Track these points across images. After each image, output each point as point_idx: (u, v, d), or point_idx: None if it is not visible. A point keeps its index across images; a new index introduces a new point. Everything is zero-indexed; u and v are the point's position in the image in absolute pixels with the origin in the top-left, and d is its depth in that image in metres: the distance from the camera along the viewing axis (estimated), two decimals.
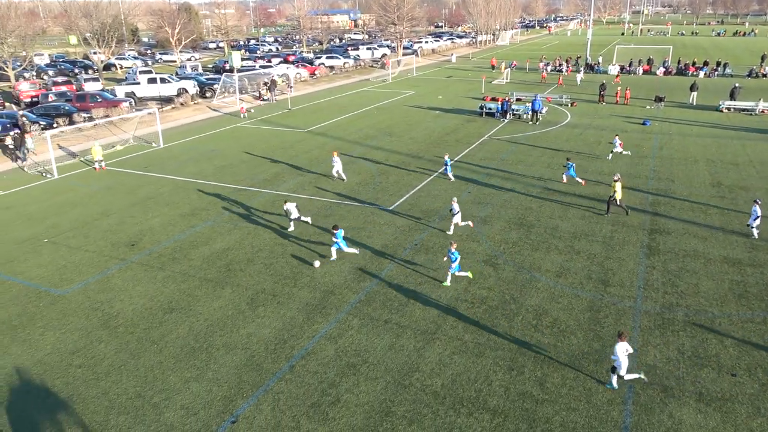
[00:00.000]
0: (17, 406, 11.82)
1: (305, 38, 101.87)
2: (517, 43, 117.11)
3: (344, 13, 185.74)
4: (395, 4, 79.92)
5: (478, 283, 16.42)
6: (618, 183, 20.85)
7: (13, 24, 58.48)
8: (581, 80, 55.83)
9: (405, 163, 28.60)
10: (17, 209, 23.33)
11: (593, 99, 46.16)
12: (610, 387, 12.00)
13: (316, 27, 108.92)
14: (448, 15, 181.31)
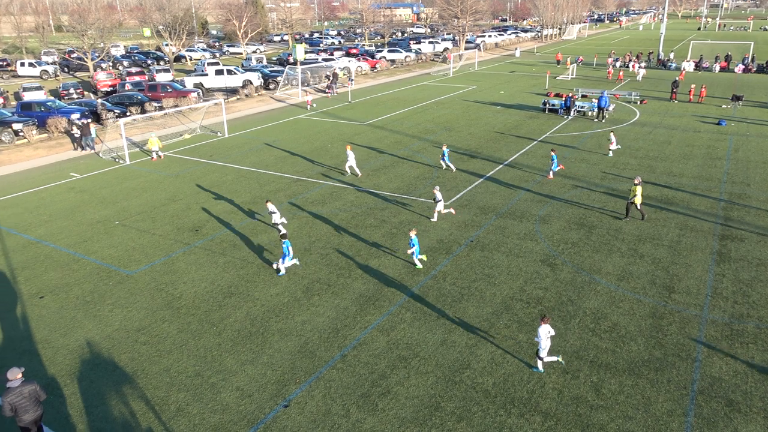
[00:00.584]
0: (87, 377, 12.54)
1: (367, 32, 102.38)
2: (584, 38, 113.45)
3: (407, 6, 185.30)
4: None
5: (535, 283, 16.10)
6: (639, 186, 19.71)
7: (93, 17, 61.75)
8: (643, 77, 53.49)
9: (463, 159, 28.32)
10: (92, 192, 24.67)
11: (665, 96, 44.18)
12: (537, 371, 12.35)
13: (378, 20, 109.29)
14: (513, 8, 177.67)
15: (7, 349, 13.59)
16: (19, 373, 10.25)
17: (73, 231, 20.38)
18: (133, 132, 35.32)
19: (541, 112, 39.49)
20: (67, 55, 72.19)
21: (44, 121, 35.19)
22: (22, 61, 65.90)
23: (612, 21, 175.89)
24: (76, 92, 48.14)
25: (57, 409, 11.56)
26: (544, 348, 12.04)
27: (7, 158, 30.57)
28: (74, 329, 14.33)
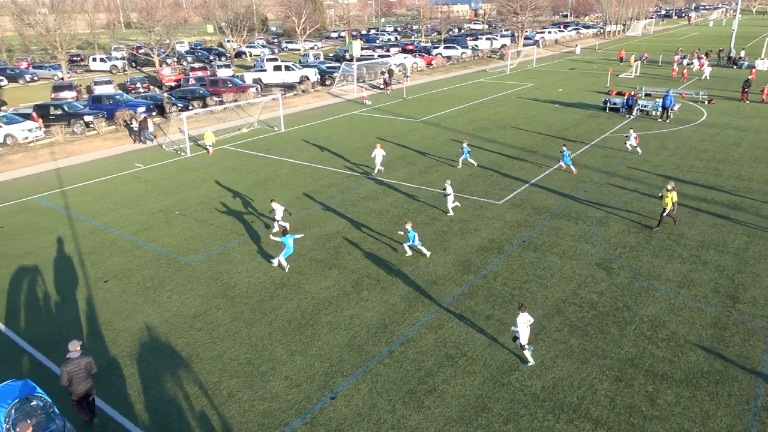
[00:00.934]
0: (144, 359, 13.11)
1: (424, 28, 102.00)
2: (650, 34, 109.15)
3: (465, 2, 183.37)
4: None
5: (589, 287, 15.66)
6: (673, 192, 18.57)
7: (160, 14, 64.27)
8: (709, 75, 50.84)
9: (518, 157, 27.83)
10: (154, 183, 25.70)
11: (735, 96, 41.98)
12: (527, 365, 12.42)
13: (435, 17, 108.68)
14: (574, 4, 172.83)
15: (73, 329, 14.36)
16: (78, 345, 10.93)
17: (136, 219, 21.30)
18: (194, 125, 36.51)
19: (601, 111, 38.30)
20: (135, 50, 75.37)
21: (113, 114, 36.91)
22: (94, 57, 69.31)
23: (680, 17, 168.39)
24: (143, 86, 50.21)
25: (117, 389, 12.14)
26: (524, 336, 12.17)
27: (78, 148, 32.24)
28: (135, 313, 15.00)
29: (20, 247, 19.28)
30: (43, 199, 24.04)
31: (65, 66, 57.07)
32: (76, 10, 60.85)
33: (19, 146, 31.96)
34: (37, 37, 56.93)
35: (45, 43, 55.55)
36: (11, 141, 32.11)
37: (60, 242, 19.54)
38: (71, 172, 27.87)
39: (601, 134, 32.04)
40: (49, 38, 53.37)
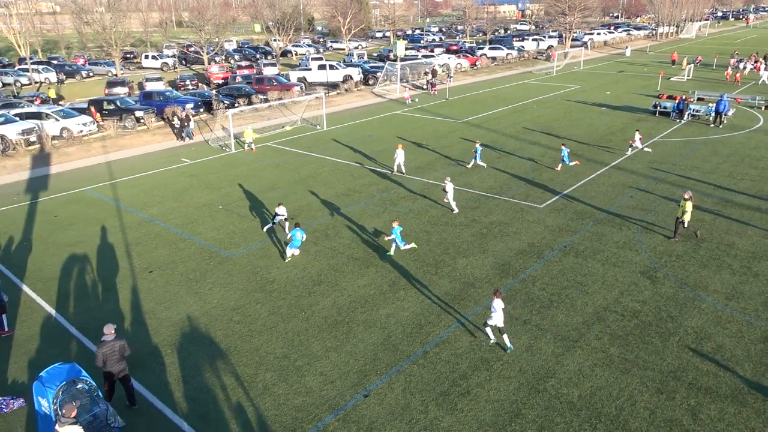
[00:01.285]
0: (185, 348, 13.46)
1: (469, 28, 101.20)
2: (705, 36, 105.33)
3: (512, 2, 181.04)
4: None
5: (631, 295, 15.24)
6: (689, 202, 17.69)
7: (210, 13, 65.89)
8: (763, 81, 48.46)
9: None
10: (200, 177, 26.36)
11: None
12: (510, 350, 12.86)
13: (481, 17, 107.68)
14: (625, 5, 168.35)
15: (118, 317, 14.87)
16: (113, 328, 11.44)
17: (181, 212, 21.90)
18: (239, 123, 37.24)
19: (650, 115, 37.19)
20: (185, 48, 77.43)
21: (162, 110, 38.04)
22: (146, 54, 71.56)
23: (738, 18, 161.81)
24: (191, 83, 51.55)
25: (158, 376, 12.51)
26: (498, 318, 12.60)
27: (129, 142, 33.37)
28: (177, 304, 15.42)
29: (71, 236, 20.10)
30: (94, 190, 24.98)
31: (119, 63, 59.12)
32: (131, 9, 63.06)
33: (74, 139, 33.29)
34: (93, 35, 59.17)
35: (101, 41, 57.72)
36: (67, 134, 33.48)
37: (108, 233, 20.27)
38: (121, 166, 28.88)
39: (650, 139, 31.11)
40: (105, 36, 55.41)
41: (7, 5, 63.19)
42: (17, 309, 15.34)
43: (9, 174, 27.97)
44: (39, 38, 72.70)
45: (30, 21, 66.07)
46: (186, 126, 33.62)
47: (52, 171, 28.41)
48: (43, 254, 18.69)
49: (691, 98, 39.47)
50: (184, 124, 33.55)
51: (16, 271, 17.49)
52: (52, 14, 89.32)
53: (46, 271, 17.48)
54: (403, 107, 42.56)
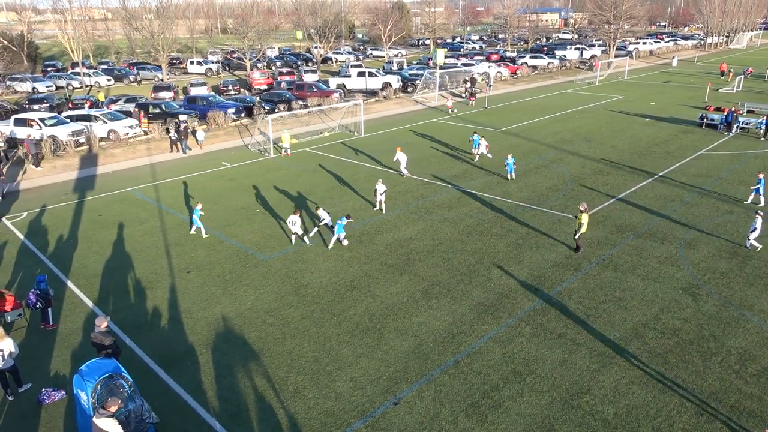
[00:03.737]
0: (219, 348, 13.69)
1: (510, 37, 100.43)
2: (756, 47, 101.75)
3: (555, 11, 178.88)
4: (613, 2, 74.67)
5: (672, 312, 14.76)
6: (584, 214, 17.18)
7: (254, 21, 67.19)
8: None
9: (603, 172, 26.74)
10: (238, 181, 26.86)
11: None
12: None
13: (523, 25, 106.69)
14: (673, 14, 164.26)
15: (156, 315, 15.25)
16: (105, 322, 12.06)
17: (220, 215, 22.34)
18: (279, 128, 37.80)
19: (697, 127, 36.09)
20: (229, 55, 79.20)
21: (205, 114, 38.96)
22: (191, 60, 73.52)
23: None
24: (234, 89, 52.66)
25: (192, 375, 12.75)
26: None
27: None
28: (213, 304, 15.71)
29: (115, 234, 20.74)
30: (139, 191, 25.74)
31: (165, 68, 60.87)
32: (178, 16, 64.91)
33: (120, 141, 34.41)
34: (142, 41, 61.16)
35: (149, 47, 59.61)
36: (114, 136, 34.63)
37: (150, 232, 20.84)
38: (164, 168, 29.68)
39: (696, 151, 30.19)
40: (153, 42, 57.20)
41: (63, 12, 65.93)
42: (62, 304, 15.91)
43: (59, 173, 29.10)
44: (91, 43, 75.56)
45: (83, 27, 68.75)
46: (184, 139, 32.50)
47: (99, 171, 29.42)
48: (88, 251, 19.34)
49: (741, 110, 38.13)
50: (181, 137, 32.38)
51: (62, 268, 18.15)
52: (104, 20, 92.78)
53: (90, 268, 18.07)
54: (441, 115, 42.47)
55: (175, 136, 32.47)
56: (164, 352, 13.63)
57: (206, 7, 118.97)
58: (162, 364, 13.14)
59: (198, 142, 33.78)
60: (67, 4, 64.86)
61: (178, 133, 32.43)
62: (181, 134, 32.47)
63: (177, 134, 32.43)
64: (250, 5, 72.97)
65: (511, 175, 25.76)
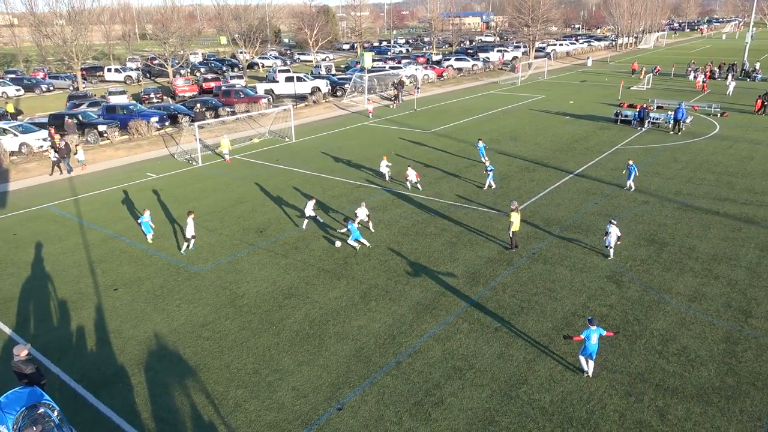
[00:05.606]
0: (152, 367, 13.14)
1: (435, 40, 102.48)
2: (662, 47, 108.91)
3: (477, 15, 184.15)
4: (530, 6, 77.77)
5: (599, 299, 15.52)
6: (514, 213, 18.09)
7: (174, 26, 65.08)
8: (732, 91, 49.41)
9: (528, 169, 27.76)
10: (166, 191, 25.91)
11: (749, 109, 41.67)
12: None
13: (447, 29, 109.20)
14: (586, 17, 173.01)
15: (82, 337, 14.44)
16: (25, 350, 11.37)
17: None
18: (205, 135, 36.81)
19: (612, 123, 38.17)
20: (149, 61, 76.34)
21: (126, 124, 37.32)
22: (109, 67, 70.26)
23: (693, 30, 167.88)
24: (156, 97, 50.79)
25: (124, 397, 12.17)
26: None
27: (92, 157, 32.59)
28: (144, 321, 15.06)
29: (32, 254, 19.48)
30: (56, 207, 24.30)
31: (80, 76, 57.83)
32: (92, 21, 61.81)
33: (33, 155, 32.37)
34: (54, 48, 57.87)
35: (61, 54, 56.45)
36: (26, 150, 32.54)
37: (71, 250, 19.72)
38: (84, 181, 28.18)
39: (613, 146, 31.91)
40: (66, 49, 54.22)
41: None
42: None
43: None
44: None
45: None
46: (65, 158, 29.33)
47: (11, 188, 27.56)
48: (2, 273, 18.05)
49: (651, 106, 40.67)
50: (63, 156, 29.22)
51: None
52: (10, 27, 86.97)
53: (5, 291, 16.88)
54: (372, 119, 42.70)
55: (56, 157, 29.16)
56: (93, 375, 12.93)
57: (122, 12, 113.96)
58: (91, 389, 12.46)
59: (79, 162, 30.26)
60: None
61: (59, 152, 29.15)
62: (62, 152, 29.17)
63: (57, 153, 29.16)
64: (170, 10, 70.62)
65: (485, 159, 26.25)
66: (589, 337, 11.91)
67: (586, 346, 12.03)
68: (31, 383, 11.07)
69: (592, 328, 11.92)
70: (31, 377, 11.22)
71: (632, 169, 23.77)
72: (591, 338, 11.90)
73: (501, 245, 19.06)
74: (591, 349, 12.02)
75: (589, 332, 11.91)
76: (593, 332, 11.91)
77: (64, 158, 29.27)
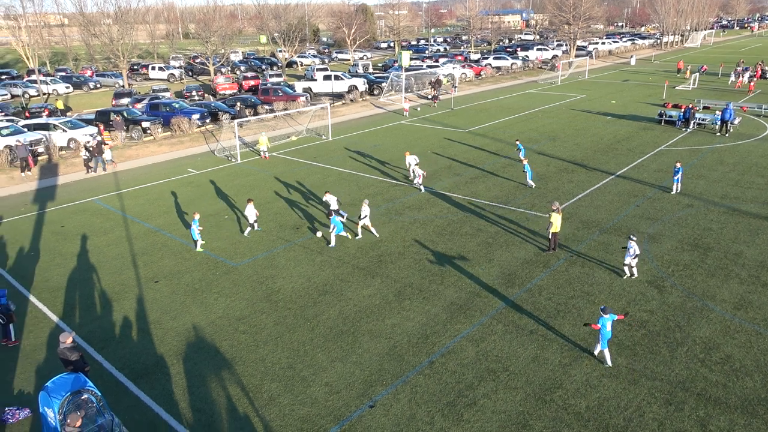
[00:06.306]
0: (190, 358, 13.44)
1: (473, 39, 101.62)
2: (710, 45, 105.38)
3: (516, 13, 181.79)
4: (572, 3, 76.31)
5: (639, 305, 15.14)
6: (555, 214, 17.54)
7: (216, 25, 66.31)
8: None
9: (567, 170, 27.27)
10: (206, 188, 26.46)
11: None
12: None
13: (486, 27, 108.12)
14: (630, 14, 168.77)
15: (124, 327, 14.89)
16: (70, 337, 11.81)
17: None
18: (244, 133, 37.41)
19: (656, 124, 37.13)
20: (191, 60, 78.02)
21: (169, 121, 38.26)
22: (153, 65, 72.14)
23: (743, 27, 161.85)
24: (198, 94, 51.88)
25: (163, 386, 12.49)
26: None
27: (135, 153, 33.56)
28: (183, 313, 15.43)
29: (78, 246, 20.18)
30: (101, 201, 25.11)
31: (126, 74, 59.58)
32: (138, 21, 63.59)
33: (81, 150, 33.47)
34: (101, 47, 59.73)
35: (108, 52, 58.22)
36: (74, 145, 33.70)
37: (115, 243, 20.34)
38: (128, 176, 29.03)
39: (656, 147, 31.05)
40: (112, 48, 55.91)
41: (16, 18, 63.91)
42: (24, 319, 15.39)
43: (17, 185, 28.18)
44: (47, 50, 73.43)
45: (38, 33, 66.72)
46: (97, 156, 29.82)
47: (60, 182, 28.60)
48: (50, 264, 18.77)
49: (697, 107, 39.41)
50: (94, 155, 29.77)
51: (23, 282, 17.57)
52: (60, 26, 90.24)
53: (53, 281, 17.54)
54: (409, 117, 42.65)
55: (86, 155, 29.86)
56: (133, 364, 13.32)
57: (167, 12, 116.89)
58: (131, 377, 12.84)
59: (107, 161, 30.50)
60: (20, 9, 62.87)
61: (90, 151, 29.80)
62: (94, 151, 29.79)
63: (88, 153, 29.81)
64: (212, 10, 72.03)
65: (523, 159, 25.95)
66: (604, 325, 12.37)
67: (603, 335, 12.42)
68: (76, 370, 11.48)
69: (606, 317, 12.38)
70: (75, 364, 11.64)
71: (678, 171, 23.02)
72: (606, 326, 12.38)
73: (538, 246, 18.79)
74: (607, 337, 12.46)
75: (604, 320, 12.40)
76: (607, 320, 12.38)
77: (96, 157, 29.85)
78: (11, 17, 64.90)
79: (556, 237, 18.21)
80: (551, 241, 18.25)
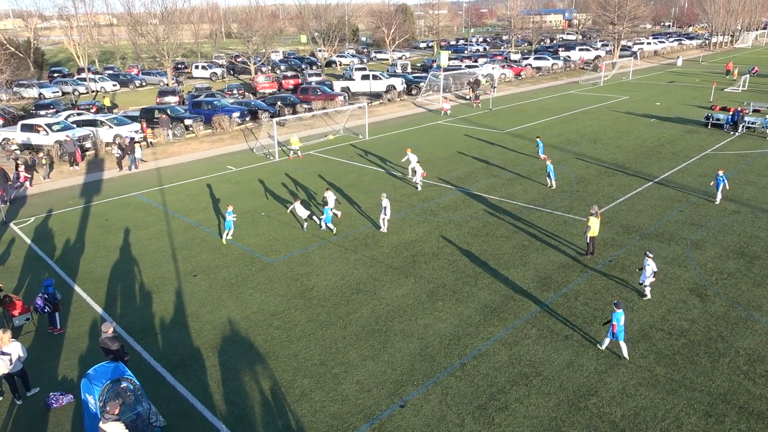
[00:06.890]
0: (225, 352, 13.71)
1: (514, 38, 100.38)
2: (762, 46, 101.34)
3: (558, 12, 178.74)
4: (617, 3, 74.55)
5: (680, 313, 14.69)
6: (593, 217, 17.15)
7: (258, 25, 67.40)
8: None
9: (608, 173, 26.67)
10: (244, 185, 26.93)
11: None
12: None
13: (527, 27, 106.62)
14: (677, 14, 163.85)
15: (163, 319, 15.29)
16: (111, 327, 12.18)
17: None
18: (283, 132, 37.90)
19: (702, 127, 35.94)
20: (233, 59, 79.52)
21: (210, 118, 39.11)
22: (196, 64, 73.84)
23: None
24: (239, 93, 52.84)
25: (198, 378, 12.78)
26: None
27: (177, 150, 34.42)
28: (219, 307, 15.75)
29: (121, 239, 20.83)
30: (143, 195, 25.84)
31: (170, 73, 61.19)
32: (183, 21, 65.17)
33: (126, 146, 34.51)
34: (147, 46, 61.50)
35: (154, 52, 59.90)
36: (119, 141, 34.77)
37: (156, 237, 20.91)
38: (169, 172, 29.79)
39: (701, 151, 30.06)
40: (158, 47, 57.50)
41: (68, 18, 66.36)
42: (69, 308, 15.98)
43: (66, 178, 29.27)
44: (96, 49, 76.03)
45: (89, 33, 69.15)
46: (129, 154, 30.16)
47: (105, 176, 29.57)
48: (94, 256, 19.43)
49: (747, 110, 37.96)
50: (127, 153, 30.15)
51: (69, 272, 18.24)
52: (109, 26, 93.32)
53: (97, 273, 18.16)
54: (445, 117, 42.47)
55: (119, 153, 30.29)
56: (171, 355, 13.67)
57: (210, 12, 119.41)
58: (169, 368, 13.18)
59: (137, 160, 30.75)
60: (72, 10, 65.29)
61: (122, 150, 30.24)
62: (126, 150, 30.18)
63: (121, 151, 30.25)
64: (254, 10, 73.22)
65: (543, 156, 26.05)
66: (618, 320, 12.48)
67: (619, 329, 12.58)
68: (116, 359, 11.85)
69: (619, 311, 12.48)
70: (116, 353, 12.02)
71: (720, 180, 22.07)
72: (620, 320, 12.51)
73: (575, 250, 18.44)
74: (622, 330, 12.63)
75: (618, 315, 12.50)
76: (621, 315, 12.49)
77: (129, 155, 30.20)
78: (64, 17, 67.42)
79: (594, 241, 17.85)
80: (589, 245, 17.90)
